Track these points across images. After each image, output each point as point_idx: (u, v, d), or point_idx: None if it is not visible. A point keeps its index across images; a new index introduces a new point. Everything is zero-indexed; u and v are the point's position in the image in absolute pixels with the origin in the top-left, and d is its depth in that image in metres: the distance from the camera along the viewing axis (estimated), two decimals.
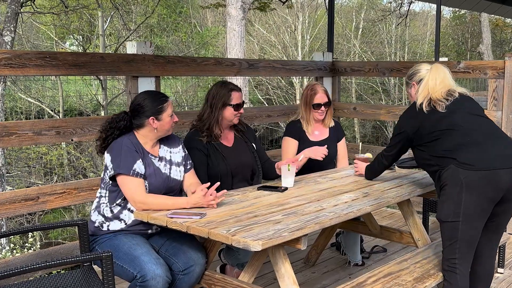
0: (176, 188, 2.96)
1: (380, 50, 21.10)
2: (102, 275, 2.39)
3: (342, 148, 4.02)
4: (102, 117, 2.98)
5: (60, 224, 2.89)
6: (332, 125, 4.00)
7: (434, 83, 2.83)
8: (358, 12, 21.75)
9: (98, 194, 2.89)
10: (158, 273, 2.54)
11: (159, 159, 2.90)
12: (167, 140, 3.00)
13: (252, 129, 3.63)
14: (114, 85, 14.95)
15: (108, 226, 2.80)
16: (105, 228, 2.80)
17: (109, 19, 16.20)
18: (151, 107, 2.81)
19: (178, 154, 3.00)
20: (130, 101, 3.48)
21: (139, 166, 2.75)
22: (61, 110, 13.58)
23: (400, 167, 3.73)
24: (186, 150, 3.08)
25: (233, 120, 3.35)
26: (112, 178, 2.77)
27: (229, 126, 3.41)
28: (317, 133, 3.90)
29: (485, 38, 17.29)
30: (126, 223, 2.80)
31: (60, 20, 16.55)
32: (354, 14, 21.56)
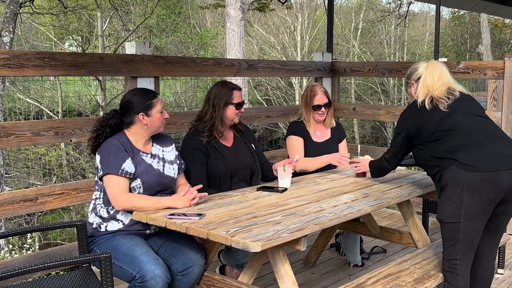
0: (170, 185, 2.94)
1: (379, 51, 21.10)
2: (101, 276, 2.38)
3: (343, 148, 4.01)
4: (101, 117, 2.97)
5: (58, 225, 2.86)
6: (333, 125, 3.99)
7: (432, 80, 2.82)
8: (357, 12, 21.75)
9: (94, 196, 2.88)
10: (158, 273, 2.53)
11: (152, 156, 2.89)
12: (160, 138, 3.00)
13: (251, 129, 3.63)
14: (113, 85, 14.93)
15: (106, 227, 2.79)
16: (103, 229, 2.79)
17: (108, 20, 16.19)
18: (140, 103, 2.81)
19: (170, 153, 3.00)
20: None
21: (128, 165, 2.74)
22: (60, 111, 13.56)
23: (401, 165, 3.73)
24: (177, 151, 3.07)
25: (234, 119, 3.34)
26: (102, 178, 2.77)
27: (229, 126, 3.41)
28: (319, 133, 3.90)
29: (484, 38, 17.31)
30: (123, 224, 2.79)
31: (59, 20, 16.54)
32: (353, 15, 21.57)
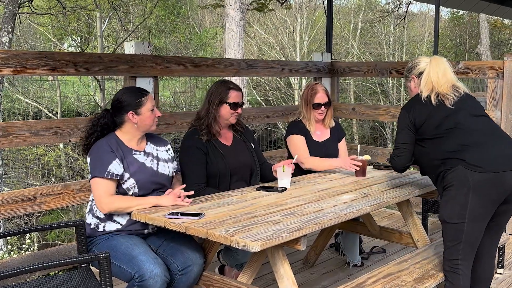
0: (165, 183, 2.92)
1: (378, 51, 21.11)
2: (99, 276, 2.37)
3: (342, 147, 4.00)
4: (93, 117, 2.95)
5: (57, 225, 2.85)
6: (332, 125, 3.98)
7: (437, 76, 2.78)
8: (356, 13, 21.76)
9: (91, 197, 2.87)
10: (157, 272, 2.52)
11: (145, 154, 2.88)
12: (154, 138, 3.00)
13: (250, 130, 3.61)
14: (112, 86, 14.92)
15: (104, 227, 2.78)
16: (101, 229, 2.78)
17: (107, 20, 16.18)
18: (130, 102, 2.79)
19: (164, 152, 2.99)
20: None
21: (115, 167, 2.71)
22: (59, 111, 13.54)
23: (375, 168, 3.75)
24: (175, 153, 3.06)
25: (229, 119, 3.31)
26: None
27: (227, 126, 3.39)
28: (318, 133, 3.89)
29: (483, 39, 17.31)
30: (121, 224, 2.78)
31: (58, 21, 16.53)
32: (352, 15, 21.57)
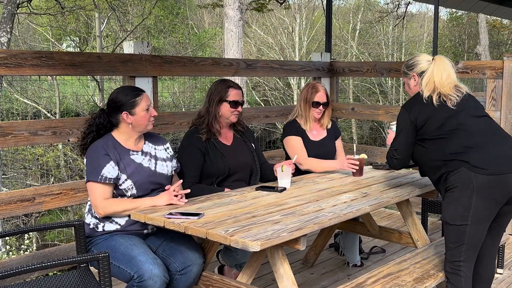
0: (164, 183, 2.91)
1: (377, 52, 21.12)
2: (99, 276, 2.36)
3: (339, 145, 4.01)
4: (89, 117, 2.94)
5: (56, 224, 2.84)
6: (329, 126, 3.97)
7: (440, 78, 2.72)
8: (355, 13, 21.77)
9: (89, 197, 2.86)
10: (156, 273, 2.52)
11: (142, 153, 2.86)
12: (153, 138, 2.98)
13: (251, 130, 3.61)
14: (111, 86, 14.90)
15: (103, 227, 2.77)
16: (100, 229, 2.77)
17: (106, 21, 16.17)
18: (124, 102, 2.77)
19: (163, 151, 2.97)
20: None
21: (109, 170, 2.69)
22: (57, 112, 13.53)
23: (375, 168, 3.74)
24: (172, 151, 3.05)
25: (230, 117, 3.30)
26: None
27: (228, 125, 3.38)
28: (315, 132, 3.88)
29: (482, 39, 17.30)
30: (120, 224, 2.77)
31: (56, 21, 16.51)
32: (351, 16, 21.58)
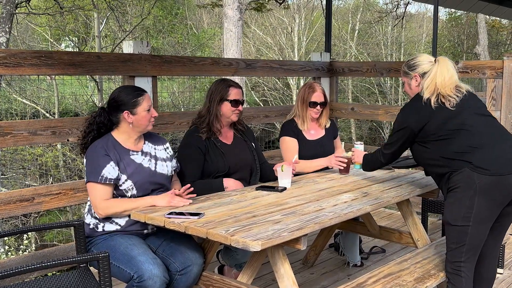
0: (164, 183, 2.90)
1: (376, 52, 21.12)
2: (99, 276, 2.35)
3: (338, 142, 4.00)
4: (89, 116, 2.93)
5: (56, 224, 2.83)
6: (328, 126, 3.96)
7: (443, 79, 2.70)
8: (354, 13, 21.77)
9: (89, 198, 2.85)
10: (155, 273, 2.51)
11: (142, 154, 2.85)
12: (152, 138, 2.97)
13: (251, 129, 3.60)
14: (110, 86, 14.88)
15: (103, 226, 2.76)
16: (100, 229, 2.76)
17: (104, 21, 16.15)
18: (126, 101, 2.76)
19: (163, 151, 2.97)
20: None
21: (109, 170, 2.68)
22: (56, 112, 13.50)
23: (395, 167, 3.71)
24: (172, 151, 3.05)
25: (231, 116, 3.30)
26: None
27: (228, 124, 3.38)
28: (313, 132, 3.87)
29: (481, 39, 17.29)
30: (120, 225, 2.76)
31: (55, 21, 16.50)
32: (350, 16, 21.58)
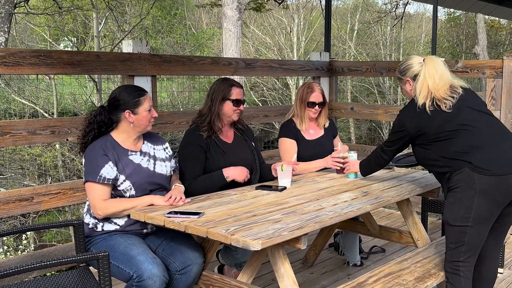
0: (163, 183, 2.89)
1: (375, 52, 21.12)
2: (98, 276, 2.34)
3: (337, 141, 3.99)
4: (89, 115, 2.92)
5: (55, 224, 2.82)
6: (326, 125, 3.95)
7: (433, 81, 2.66)
8: (353, 14, 21.77)
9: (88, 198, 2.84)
10: (155, 272, 2.50)
11: (141, 154, 2.84)
12: (152, 138, 2.97)
13: (251, 129, 3.59)
14: (109, 87, 14.86)
15: (102, 226, 2.75)
16: (99, 228, 2.75)
17: (103, 21, 16.13)
18: (127, 101, 2.75)
19: (162, 151, 2.96)
20: None
21: (108, 170, 2.68)
22: (55, 112, 13.48)
23: (397, 166, 3.69)
24: (173, 151, 3.03)
25: (232, 116, 3.30)
26: None
27: (229, 123, 3.37)
28: (311, 132, 3.86)
29: (480, 39, 17.28)
30: (119, 225, 2.75)
31: (54, 21, 16.48)
32: (349, 16, 21.58)
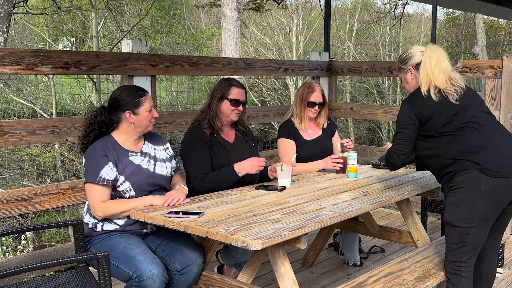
0: (163, 184, 2.89)
1: (374, 52, 21.13)
2: (98, 276, 2.34)
3: (336, 140, 3.99)
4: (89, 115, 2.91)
5: (54, 224, 2.82)
6: (325, 126, 3.95)
7: (430, 66, 2.65)
8: (352, 14, 21.78)
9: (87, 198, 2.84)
10: (155, 272, 2.49)
11: (142, 154, 2.84)
12: (152, 138, 2.96)
13: (251, 130, 3.59)
14: (108, 87, 14.85)
15: (102, 226, 2.75)
16: (99, 228, 2.75)
17: (102, 21, 16.12)
18: (128, 101, 2.74)
19: (162, 152, 2.95)
20: None
21: (107, 171, 2.67)
22: (54, 112, 13.47)
23: (374, 167, 3.72)
24: (172, 151, 3.03)
25: (230, 115, 3.28)
26: None
27: (229, 123, 3.37)
28: (310, 132, 3.86)
29: (480, 39, 17.28)
30: (119, 225, 2.74)
31: (53, 21, 16.46)
32: (348, 16, 21.59)
